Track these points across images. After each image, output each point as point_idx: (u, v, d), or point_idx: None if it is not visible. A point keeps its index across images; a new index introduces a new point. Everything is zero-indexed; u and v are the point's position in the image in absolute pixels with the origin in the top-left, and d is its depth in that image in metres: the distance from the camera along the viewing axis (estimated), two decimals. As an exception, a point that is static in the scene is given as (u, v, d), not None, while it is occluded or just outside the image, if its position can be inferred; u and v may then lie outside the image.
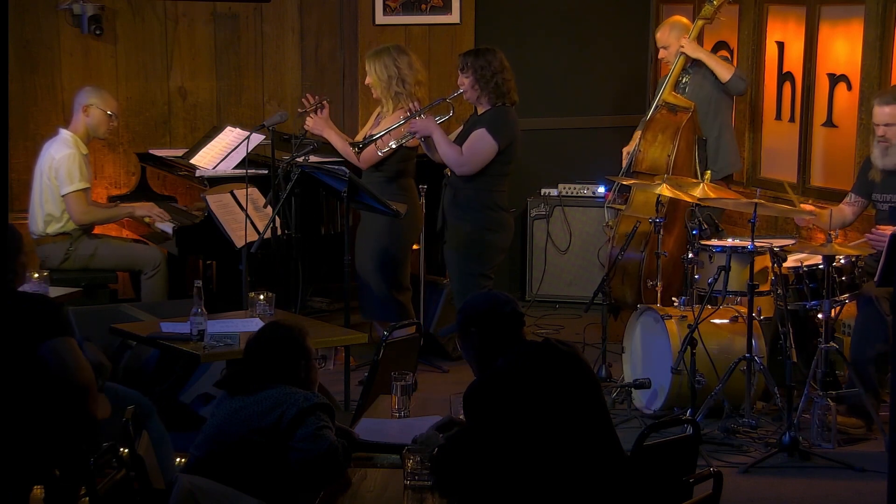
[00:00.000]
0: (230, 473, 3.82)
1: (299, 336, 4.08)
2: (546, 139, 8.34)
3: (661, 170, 6.84)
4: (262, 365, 4.01)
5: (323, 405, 3.91)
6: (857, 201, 6.23)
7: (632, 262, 6.82)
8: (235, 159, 6.92)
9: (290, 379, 3.99)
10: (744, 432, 5.74)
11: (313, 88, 7.97)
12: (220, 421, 3.95)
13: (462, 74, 6.26)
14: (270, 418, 3.85)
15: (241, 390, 3.97)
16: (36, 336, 4.21)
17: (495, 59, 6.22)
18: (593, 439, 3.61)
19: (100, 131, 6.85)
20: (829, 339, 5.65)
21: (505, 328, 3.79)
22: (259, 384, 3.95)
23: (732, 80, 6.96)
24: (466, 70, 6.23)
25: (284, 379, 3.97)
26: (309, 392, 3.97)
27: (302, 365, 4.04)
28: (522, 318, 3.86)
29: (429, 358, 6.73)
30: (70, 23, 7.46)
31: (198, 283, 5.10)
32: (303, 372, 4.04)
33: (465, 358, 3.96)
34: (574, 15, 8.48)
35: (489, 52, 6.26)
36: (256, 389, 3.94)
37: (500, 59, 6.24)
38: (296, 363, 4.03)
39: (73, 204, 6.69)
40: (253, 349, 4.08)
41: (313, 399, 3.91)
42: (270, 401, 3.89)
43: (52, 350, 4.22)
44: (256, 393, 3.92)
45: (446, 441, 3.68)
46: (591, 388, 3.71)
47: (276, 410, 3.86)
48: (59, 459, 4.25)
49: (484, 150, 6.17)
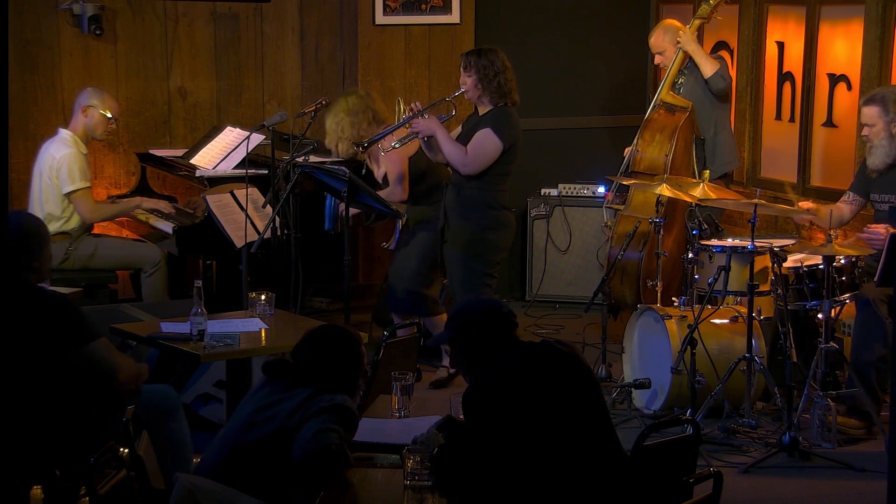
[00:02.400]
0: (251, 474, 3.78)
1: (360, 346, 4.00)
2: (546, 139, 8.34)
3: (659, 169, 6.84)
4: (316, 361, 3.90)
5: (344, 409, 3.80)
6: (854, 199, 6.24)
7: (631, 262, 6.83)
8: (235, 159, 6.92)
9: (337, 385, 3.87)
10: (744, 432, 5.74)
11: (313, 88, 7.98)
12: (252, 409, 3.85)
13: (464, 74, 6.25)
14: (296, 419, 3.77)
15: (281, 379, 3.87)
16: (66, 340, 4.24)
17: (497, 59, 6.22)
18: (593, 440, 3.61)
19: (97, 132, 6.84)
20: (829, 339, 5.65)
21: (502, 329, 3.80)
22: (302, 380, 3.86)
23: (714, 76, 6.98)
24: (469, 70, 6.23)
25: (331, 383, 3.86)
26: (340, 395, 3.85)
27: (352, 375, 3.95)
28: (516, 320, 3.87)
29: (429, 358, 6.73)
30: (70, 23, 7.46)
31: (198, 283, 5.09)
32: (351, 383, 3.94)
33: (456, 364, 3.95)
34: (574, 15, 8.48)
35: (491, 52, 6.26)
36: (295, 385, 3.85)
37: (502, 59, 6.24)
38: (348, 371, 3.94)
39: (81, 203, 6.69)
40: (313, 343, 3.96)
41: (337, 400, 3.80)
42: (300, 398, 3.79)
43: (94, 353, 4.30)
44: (295, 389, 3.83)
45: (446, 441, 3.68)
46: (591, 389, 3.72)
47: (301, 410, 3.78)
48: (59, 459, 4.25)
49: (489, 149, 6.17)
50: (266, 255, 6.23)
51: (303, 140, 6.51)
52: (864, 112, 6.04)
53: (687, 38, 7.06)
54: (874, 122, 5.99)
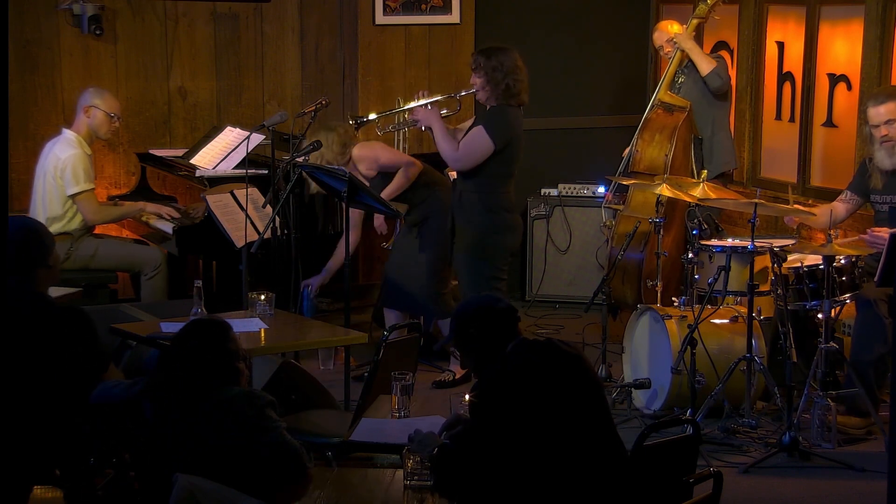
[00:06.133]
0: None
1: (223, 332, 3.92)
2: (546, 139, 8.34)
3: (658, 169, 6.84)
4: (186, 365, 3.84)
5: (248, 397, 3.79)
6: (852, 199, 6.24)
7: (631, 262, 6.83)
8: (235, 159, 6.92)
9: (220, 379, 3.83)
10: (744, 432, 5.74)
11: (313, 88, 7.98)
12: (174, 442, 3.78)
13: (474, 73, 6.21)
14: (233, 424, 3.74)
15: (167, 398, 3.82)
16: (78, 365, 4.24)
17: (508, 60, 6.15)
18: (597, 441, 3.61)
19: (101, 132, 6.85)
20: (829, 339, 5.65)
21: (501, 324, 3.81)
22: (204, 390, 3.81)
23: (710, 74, 6.99)
24: (478, 70, 6.17)
25: (212, 378, 3.82)
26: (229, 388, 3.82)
27: (224, 363, 3.88)
28: (517, 314, 3.87)
29: (429, 358, 6.73)
30: (70, 23, 7.46)
31: (198, 283, 5.10)
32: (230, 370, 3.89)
33: (466, 364, 3.97)
34: (574, 15, 8.48)
35: (502, 52, 6.18)
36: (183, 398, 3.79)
37: (513, 60, 6.16)
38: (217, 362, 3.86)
39: (85, 204, 6.69)
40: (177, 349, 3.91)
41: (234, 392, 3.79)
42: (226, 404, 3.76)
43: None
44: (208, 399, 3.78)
45: (447, 441, 3.68)
46: (595, 390, 3.71)
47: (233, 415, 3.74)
48: (60, 459, 4.25)
49: (478, 147, 6.14)
50: (266, 255, 6.23)
51: (303, 140, 6.51)
52: (878, 112, 5.95)
53: (683, 37, 7.07)
54: (894, 117, 5.93)
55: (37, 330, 4.15)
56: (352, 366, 5.99)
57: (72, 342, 4.20)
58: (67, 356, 4.18)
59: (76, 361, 4.20)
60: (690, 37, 7.10)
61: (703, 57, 7.05)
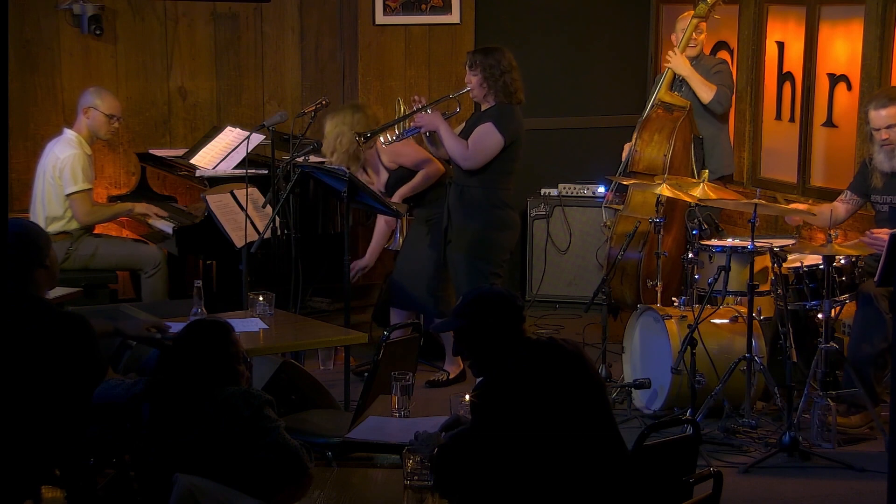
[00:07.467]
0: None
1: (226, 335, 3.92)
2: (546, 139, 8.34)
3: (658, 169, 6.84)
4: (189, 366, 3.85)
5: (246, 396, 3.79)
6: (852, 199, 6.24)
7: (631, 263, 6.82)
8: (235, 159, 6.92)
9: (220, 381, 3.83)
10: (744, 432, 5.74)
11: (313, 88, 7.98)
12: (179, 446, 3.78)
13: (470, 72, 6.25)
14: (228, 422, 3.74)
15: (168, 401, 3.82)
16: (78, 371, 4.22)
17: (504, 59, 6.22)
18: (599, 440, 3.61)
19: (100, 133, 6.85)
20: (829, 339, 5.65)
21: (515, 322, 3.77)
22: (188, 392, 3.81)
23: (712, 103, 6.99)
24: (475, 68, 6.22)
25: (213, 380, 3.83)
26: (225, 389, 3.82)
27: (226, 365, 3.89)
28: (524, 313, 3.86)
29: (429, 358, 6.73)
30: (70, 23, 7.46)
31: (198, 283, 5.10)
32: (231, 373, 3.89)
33: (461, 352, 3.85)
34: (574, 15, 8.48)
35: (498, 52, 6.25)
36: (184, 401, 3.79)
37: (508, 59, 6.24)
38: (219, 364, 3.87)
39: (77, 204, 6.70)
40: (181, 350, 3.92)
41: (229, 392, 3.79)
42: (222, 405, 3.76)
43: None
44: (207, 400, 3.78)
45: (448, 440, 3.67)
46: (597, 389, 3.71)
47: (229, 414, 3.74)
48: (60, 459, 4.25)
49: (490, 143, 6.17)
50: (266, 255, 6.23)
51: (303, 140, 6.51)
52: (879, 115, 5.95)
53: (680, 63, 7.01)
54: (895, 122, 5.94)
55: (35, 335, 4.11)
56: (352, 365, 5.99)
57: (70, 349, 4.17)
58: (66, 362, 4.15)
59: (74, 368, 4.17)
60: (684, 62, 7.04)
61: (702, 84, 6.99)
